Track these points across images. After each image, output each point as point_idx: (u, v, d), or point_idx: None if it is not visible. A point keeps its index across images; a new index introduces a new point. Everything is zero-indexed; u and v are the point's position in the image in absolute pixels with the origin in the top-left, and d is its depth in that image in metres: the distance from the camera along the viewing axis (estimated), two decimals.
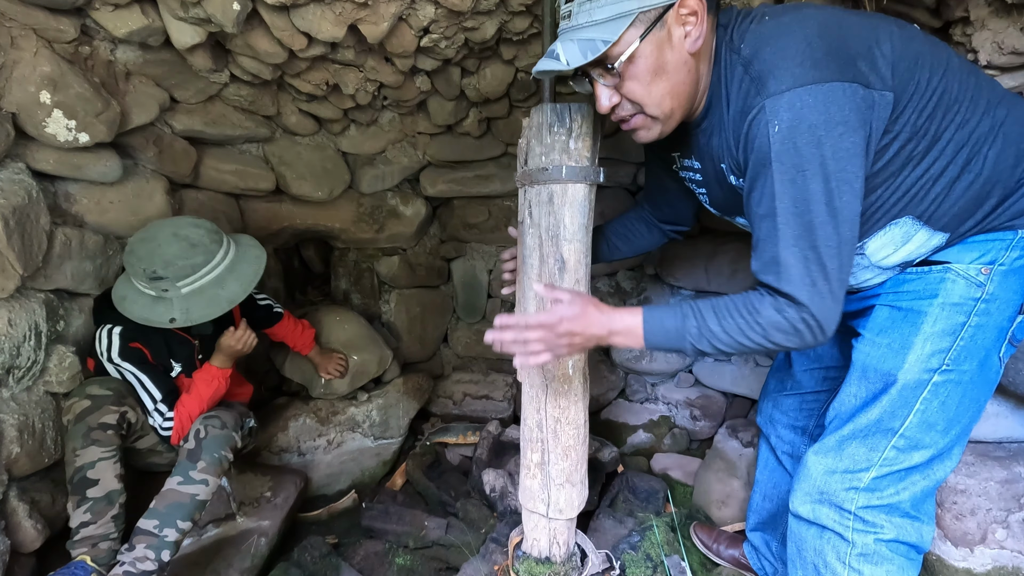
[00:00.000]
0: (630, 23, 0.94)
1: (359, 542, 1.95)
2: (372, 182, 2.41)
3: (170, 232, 1.56)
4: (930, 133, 0.97)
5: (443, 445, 2.49)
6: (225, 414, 1.67)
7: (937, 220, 1.03)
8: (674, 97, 1.02)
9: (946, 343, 1.05)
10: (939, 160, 0.99)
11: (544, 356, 1.07)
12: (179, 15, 1.42)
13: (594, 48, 0.95)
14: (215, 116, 1.92)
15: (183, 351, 1.74)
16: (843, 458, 1.15)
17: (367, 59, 1.72)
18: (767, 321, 0.97)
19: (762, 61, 0.93)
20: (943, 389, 1.07)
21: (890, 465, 1.11)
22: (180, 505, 1.50)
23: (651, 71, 0.98)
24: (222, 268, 1.61)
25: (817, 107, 0.88)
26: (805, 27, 0.92)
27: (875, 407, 1.11)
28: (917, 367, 1.07)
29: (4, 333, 1.38)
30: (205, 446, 1.59)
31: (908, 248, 1.07)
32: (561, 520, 1.52)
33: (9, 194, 1.37)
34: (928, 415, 1.08)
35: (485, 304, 2.93)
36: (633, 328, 1.05)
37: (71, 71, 1.43)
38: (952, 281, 1.05)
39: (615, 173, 2.47)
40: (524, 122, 1.40)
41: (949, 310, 1.05)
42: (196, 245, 1.56)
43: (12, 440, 1.41)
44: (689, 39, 0.97)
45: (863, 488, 1.13)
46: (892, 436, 1.10)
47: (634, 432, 2.55)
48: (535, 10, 1.55)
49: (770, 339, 0.98)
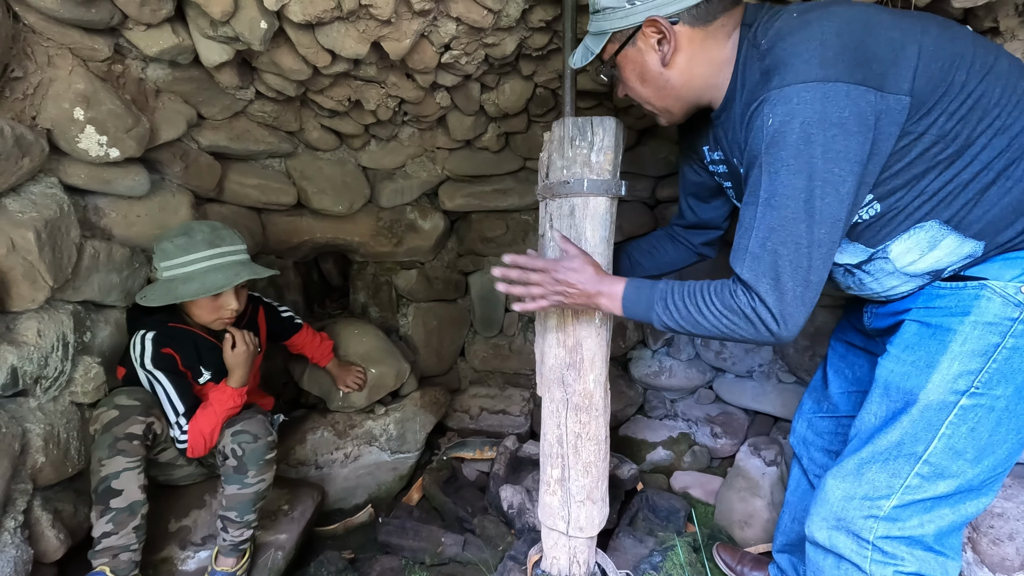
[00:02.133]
0: (607, 39, 1.12)
1: (375, 557, 1.94)
2: (391, 196, 2.44)
3: (191, 222, 1.66)
4: (961, 137, 0.94)
5: (460, 460, 2.47)
6: (252, 425, 1.68)
7: (968, 226, 0.99)
8: (661, 99, 1.14)
9: (976, 364, 0.99)
10: (971, 165, 0.95)
11: (542, 302, 1.22)
12: (208, 34, 1.46)
13: (586, 56, 1.16)
14: (240, 132, 1.96)
15: (212, 357, 1.76)
16: (862, 483, 1.09)
17: (389, 75, 1.75)
18: (724, 305, 1.01)
19: (774, 55, 0.94)
20: (972, 414, 1.00)
21: (913, 493, 1.05)
22: (248, 501, 1.64)
23: (634, 78, 1.14)
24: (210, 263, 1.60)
25: (814, 104, 0.88)
26: (824, 24, 0.92)
27: (895, 428, 1.05)
28: (942, 387, 1.01)
29: (33, 344, 1.40)
30: (247, 460, 1.63)
31: (936, 255, 1.02)
32: (581, 538, 1.49)
33: (42, 208, 1.40)
34: (955, 441, 1.02)
35: (502, 318, 2.92)
36: (616, 294, 1.15)
37: (104, 88, 1.47)
38: (987, 299, 0.99)
39: (633, 187, 2.47)
40: (545, 136, 1.40)
41: (982, 329, 0.99)
42: (192, 235, 1.60)
43: (38, 450, 1.43)
44: (659, 54, 1.07)
45: (883, 517, 1.07)
46: (916, 462, 1.04)
47: (653, 449, 2.51)
48: (555, 26, 1.56)
49: (725, 325, 1.02)
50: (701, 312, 1.05)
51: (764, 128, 0.93)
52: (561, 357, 1.40)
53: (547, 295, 1.21)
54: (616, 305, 1.16)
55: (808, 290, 0.96)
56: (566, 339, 1.39)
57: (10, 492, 1.37)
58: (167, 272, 1.60)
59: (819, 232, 0.93)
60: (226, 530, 1.64)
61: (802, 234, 0.93)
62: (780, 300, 0.96)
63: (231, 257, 1.65)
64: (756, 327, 1.00)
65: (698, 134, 1.29)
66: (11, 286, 1.34)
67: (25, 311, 1.41)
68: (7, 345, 1.36)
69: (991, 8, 1.26)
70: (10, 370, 1.34)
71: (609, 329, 1.41)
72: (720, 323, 1.03)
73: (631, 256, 1.57)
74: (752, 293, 0.99)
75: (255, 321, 1.94)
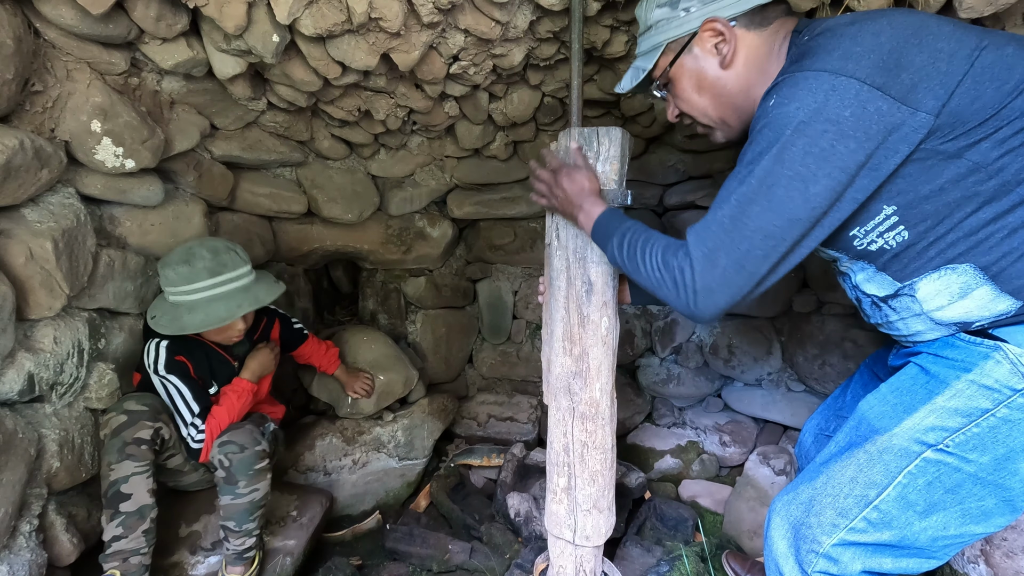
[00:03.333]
0: (661, 52, 1.10)
1: (383, 564, 1.94)
2: (400, 204, 2.46)
3: (194, 246, 1.64)
4: (1009, 170, 0.84)
5: (467, 467, 2.47)
6: (238, 435, 1.66)
7: (1007, 280, 0.88)
8: (718, 108, 1.10)
9: (954, 423, 0.92)
10: (1021, 207, 0.85)
11: (541, 199, 1.35)
12: (222, 47, 1.49)
13: (636, 76, 1.16)
14: (252, 142, 1.99)
15: (223, 370, 1.79)
16: (811, 515, 1.06)
17: (398, 86, 1.77)
18: (662, 261, 1.01)
19: (806, 47, 0.92)
20: (934, 469, 0.94)
21: (856, 536, 1.01)
22: (243, 511, 1.64)
23: (690, 88, 1.11)
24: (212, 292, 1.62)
25: (816, 94, 0.84)
26: (868, 24, 0.87)
27: (850, 463, 1.02)
28: (908, 435, 0.95)
29: (49, 350, 1.43)
30: (235, 471, 1.63)
31: (966, 305, 0.93)
32: (588, 547, 1.49)
33: (59, 217, 1.43)
34: (909, 492, 0.96)
35: (510, 325, 2.93)
36: (592, 215, 1.20)
37: (120, 101, 1.50)
38: (996, 361, 0.90)
39: (641, 195, 2.47)
40: (552, 146, 1.41)
41: (976, 390, 0.91)
42: (193, 263, 1.60)
43: (53, 455, 1.45)
44: (719, 57, 1.05)
45: (823, 554, 1.04)
46: (866, 506, 1.00)
47: (661, 457, 2.50)
48: (562, 36, 1.58)
49: (656, 278, 1.02)
50: (644, 259, 1.05)
51: (764, 106, 0.91)
52: (567, 366, 1.41)
53: (546, 194, 1.33)
54: (588, 225, 1.21)
55: (739, 275, 0.92)
56: (572, 348, 1.39)
57: (25, 496, 1.39)
58: (172, 296, 1.63)
59: (771, 222, 0.89)
60: (227, 539, 1.65)
61: (754, 216, 0.89)
62: (705, 273, 0.94)
63: (233, 284, 1.65)
64: (675, 293, 0.99)
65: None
66: (29, 294, 1.37)
67: (42, 319, 1.44)
68: (24, 352, 1.38)
69: (999, 18, 1.26)
70: (27, 376, 1.37)
71: (616, 338, 1.42)
72: (652, 275, 1.03)
73: None
74: (688, 258, 0.97)
75: (270, 331, 1.97)
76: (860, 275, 1.07)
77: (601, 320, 1.36)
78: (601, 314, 1.36)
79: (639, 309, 2.80)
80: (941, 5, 1.22)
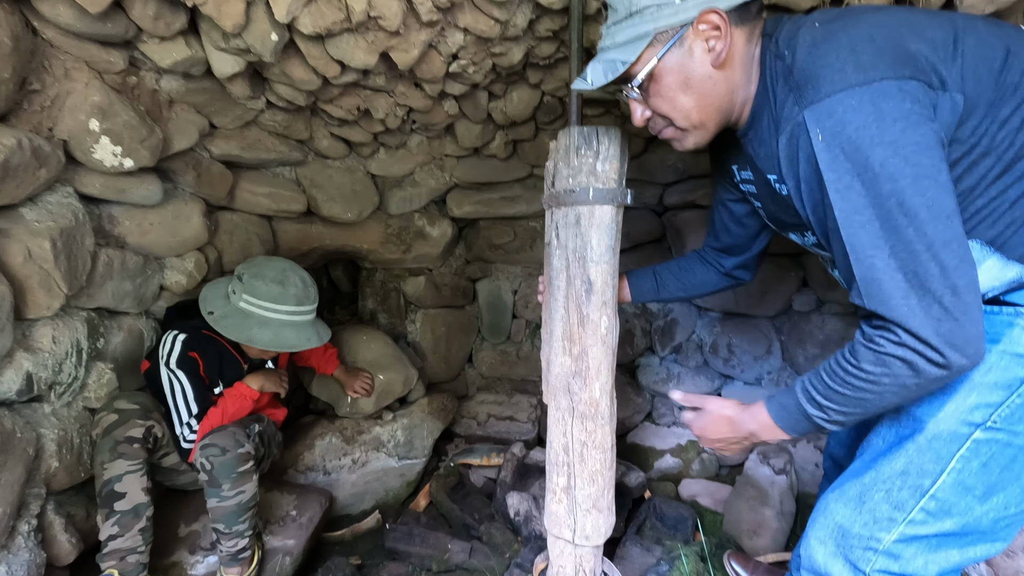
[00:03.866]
0: (647, 43, 0.97)
1: (382, 564, 1.94)
2: (400, 203, 2.46)
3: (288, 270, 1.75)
4: (1014, 147, 0.84)
5: (467, 466, 2.47)
6: (219, 437, 1.64)
7: (1012, 249, 0.89)
8: (702, 110, 1.02)
9: (997, 397, 0.90)
10: (1021, 180, 0.86)
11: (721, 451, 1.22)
12: (220, 46, 1.48)
13: (614, 69, 0.99)
14: (251, 141, 1.98)
15: (233, 371, 1.79)
16: (863, 511, 1.01)
17: (397, 85, 1.77)
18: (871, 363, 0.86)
19: (801, 70, 0.87)
20: (986, 449, 0.92)
21: (916, 528, 0.97)
22: (230, 513, 1.63)
23: (675, 87, 1.00)
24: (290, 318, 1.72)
25: (863, 108, 0.79)
26: (852, 31, 0.84)
27: (900, 455, 0.98)
28: (954, 418, 0.93)
29: (48, 350, 1.43)
30: (217, 473, 1.61)
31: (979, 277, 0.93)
32: (588, 547, 1.49)
33: (58, 217, 1.43)
34: (965, 476, 0.93)
35: (510, 324, 2.93)
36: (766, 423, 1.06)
37: (119, 100, 1.50)
38: (1021, 327, 0.89)
39: (641, 194, 2.47)
40: (551, 145, 1.41)
41: (1009, 360, 0.89)
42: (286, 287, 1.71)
43: (51, 455, 1.45)
44: (712, 54, 0.96)
45: (882, 551, 0.99)
46: (922, 496, 0.96)
47: (661, 457, 2.50)
48: (562, 35, 1.57)
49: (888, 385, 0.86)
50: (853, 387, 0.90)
51: (815, 147, 0.84)
52: (567, 365, 1.41)
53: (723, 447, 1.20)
54: (775, 432, 1.06)
55: (958, 296, 0.80)
56: (572, 347, 1.39)
57: (24, 497, 1.39)
58: (247, 305, 1.66)
59: (935, 230, 0.79)
60: (219, 541, 1.65)
61: (913, 240, 0.79)
62: (935, 325, 0.80)
63: (305, 317, 1.75)
64: (918, 366, 0.83)
65: (727, 153, 1.22)
66: (27, 294, 1.37)
67: (40, 318, 1.44)
68: (23, 352, 1.38)
69: (1000, 16, 1.25)
70: (26, 376, 1.37)
71: (615, 337, 1.41)
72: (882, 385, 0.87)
73: (658, 276, 1.52)
74: (893, 327, 0.84)
75: None
76: None
77: (600, 319, 1.36)
78: (600, 313, 1.36)
79: (639, 308, 2.80)
80: (941, 3, 1.21)
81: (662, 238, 2.64)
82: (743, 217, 1.36)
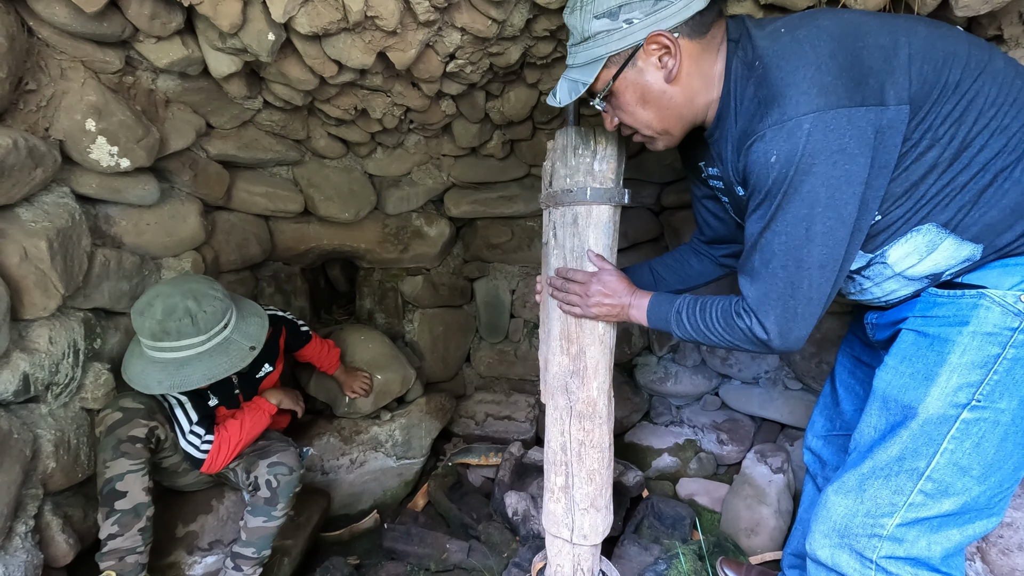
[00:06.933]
0: (603, 66, 1.06)
1: (380, 564, 1.94)
2: (397, 203, 2.46)
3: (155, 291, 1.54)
4: (957, 139, 0.92)
5: (465, 466, 2.47)
6: (287, 457, 1.69)
7: (966, 229, 0.97)
8: (662, 120, 1.10)
9: (976, 376, 0.97)
10: (969, 167, 0.94)
11: (576, 310, 1.33)
12: (217, 46, 1.48)
13: (576, 89, 1.09)
14: (248, 141, 1.98)
15: (222, 385, 1.77)
16: (864, 500, 1.06)
17: (394, 84, 1.77)
18: (727, 324, 1.09)
19: (770, 85, 0.93)
20: (976, 428, 0.97)
21: (917, 511, 1.01)
22: (269, 536, 1.66)
23: (633, 102, 1.09)
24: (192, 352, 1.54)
25: (814, 135, 0.88)
26: (817, 46, 0.91)
27: (895, 442, 1.03)
28: (941, 401, 0.98)
29: (44, 351, 1.43)
30: (280, 492, 1.64)
31: (935, 258, 1.01)
32: (585, 546, 1.49)
33: (54, 217, 1.42)
34: (959, 456, 0.98)
35: (507, 324, 2.93)
36: (643, 307, 1.25)
37: (115, 100, 1.50)
38: (986, 308, 0.96)
39: (638, 193, 2.47)
40: (549, 145, 1.41)
41: (981, 339, 0.96)
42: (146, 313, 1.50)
43: (48, 455, 1.45)
44: (664, 70, 1.03)
45: (887, 536, 1.03)
46: (919, 478, 1.01)
47: (659, 456, 2.50)
48: (559, 35, 1.57)
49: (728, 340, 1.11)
50: (709, 327, 1.13)
51: (767, 165, 0.93)
52: (565, 365, 1.41)
53: (580, 304, 1.31)
54: (643, 317, 1.25)
55: (810, 306, 0.99)
56: (570, 347, 1.39)
57: (21, 497, 1.39)
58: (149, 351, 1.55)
59: (821, 253, 0.95)
60: (239, 568, 1.63)
61: (804, 257, 0.96)
62: (780, 319, 1.01)
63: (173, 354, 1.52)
64: (755, 344, 1.07)
65: (695, 150, 1.28)
66: (23, 294, 1.37)
67: (37, 319, 1.43)
68: (19, 352, 1.38)
69: (994, 16, 1.26)
70: (22, 377, 1.36)
71: (613, 337, 1.42)
72: (724, 338, 1.11)
73: (654, 270, 1.55)
74: (752, 314, 1.05)
75: (276, 342, 1.95)
76: None
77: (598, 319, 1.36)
78: None
79: None
80: (936, 5, 1.22)
81: (660, 237, 2.64)
82: (718, 212, 1.40)
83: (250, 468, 1.69)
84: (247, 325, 1.67)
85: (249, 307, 1.74)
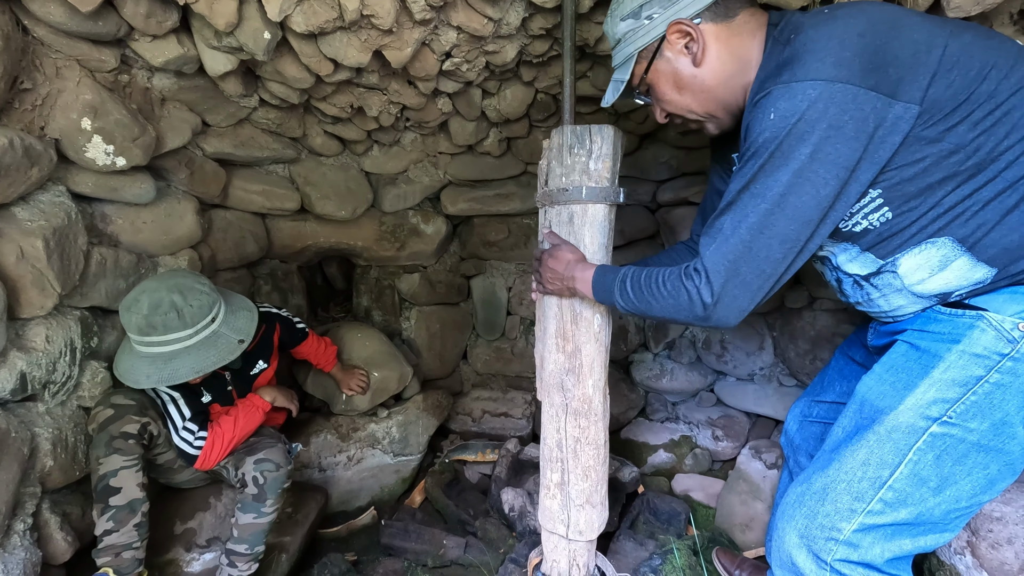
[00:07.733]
0: (635, 62, 1.14)
1: (378, 560, 1.95)
2: (394, 201, 2.46)
3: (166, 286, 1.53)
4: (984, 149, 0.90)
5: (462, 462, 2.48)
6: (274, 453, 1.70)
7: (983, 250, 0.94)
8: (701, 103, 1.13)
9: (953, 393, 0.97)
10: (994, 182, 0.91)
11: (540, 288, 1.39)
12: (212, 44, 1.48)
13: (617, 88, 1.18)
14: (244, 139, 1.98)
15: (215, 382, 1.78)
16: (827, 502, 1.07)
17: (391, 83, 1.77)
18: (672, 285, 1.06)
19: (793, 47, 0.94)
20: (941, 442, 0.98)
21: (874, 518, 1.03)
22: (260, 532, 1.66)
23: (669, 90, 1.14)
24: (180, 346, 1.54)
25: (817, 104, 0.87)
26: (849, 23, 0.91)
27: (861, 446, 1.04)
28: (913, 411, 0.99)
29: (41, 349, 1.43)
30: (268, 488, 1.65)
31: (946, 276, 0.99)
32: (581, 542, 1.50)
33: (50, 216, 1.43)
34: (920, 468, 0.99)
35: (504, 321, 2.94)
36: (587, 279, 1.25)
37: (111, 98, 1.50)
38: (981, 330, 0.96)
39: (634, 191, 2.48)
40: (545, 144, 1.42)
41: (967, 360, 0.96)
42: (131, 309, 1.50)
43: (46, 453, 1.45)
44: (690, 56, 1.08)
45: (843, 540, 1.05)
46: (880, 487, 1.02)
47: (654, 452, 2.52)
48: (555, 33, 1.58)
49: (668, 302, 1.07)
50: (653, 292, 1.10)
51: (765, 120, 0.92)
52: (560, 362, 1.42)
53: (540, 281, 1.38)
54: (588, 288, 1.24)
55: (759, 278, 0.98)
56: (565, 344, 1.40)
57: (19, 495, 1.39)
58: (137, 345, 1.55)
59: (786, 227, 0.94)
60: (233, 565, 1.63)
61: (769, 225, 0.95)
62: (728, 283, 0.99)
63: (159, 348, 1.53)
64: (696, 308, 1.03)
65: (729, 140, 1.28)
66: (20, 293, 1.37)
67: (34, 317, 1.44)
68: (16, 351, 1.38)
69: (986, 17, 1.27)
70: (19, 375, 1.37)
71: (608, 334, 1.43)
72: (666, 303, 1.08)
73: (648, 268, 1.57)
74: (703, 274, 1.01)
75: (270, 339, 1.96)
76: (842, 256, 1.10)
77: (594, 317, 1.37)
78: (594, 311, 1.37)
79: None
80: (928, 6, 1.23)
81: (656, 235, 2.65)
82: None
83: (238, 464, 1.70)
84: (236, 319, 1.67)
85: (238, 301, 1.74)
